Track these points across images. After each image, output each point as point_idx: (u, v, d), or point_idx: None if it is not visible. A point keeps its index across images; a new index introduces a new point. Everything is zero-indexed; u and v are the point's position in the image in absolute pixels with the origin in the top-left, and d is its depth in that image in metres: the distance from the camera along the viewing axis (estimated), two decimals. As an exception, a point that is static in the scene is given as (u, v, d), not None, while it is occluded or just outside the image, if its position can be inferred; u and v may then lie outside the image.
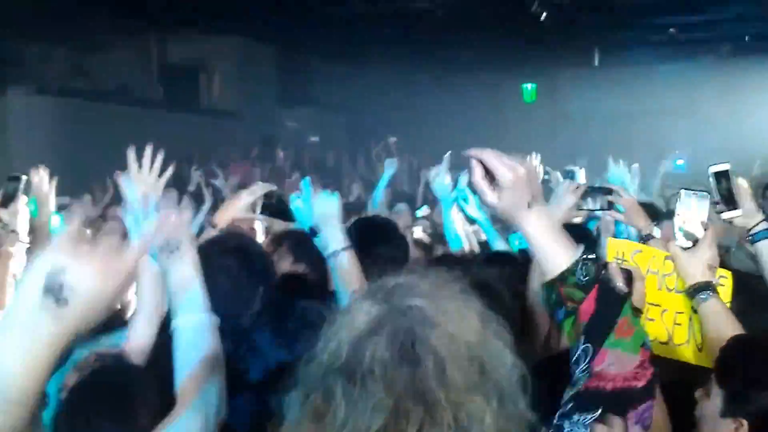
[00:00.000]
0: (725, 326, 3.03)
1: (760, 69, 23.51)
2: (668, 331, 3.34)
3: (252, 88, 21.40)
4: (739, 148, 19.88)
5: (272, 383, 2.10)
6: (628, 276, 2.16)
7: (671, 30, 21.95)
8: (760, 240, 3.48)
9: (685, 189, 3.26)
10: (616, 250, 3.36)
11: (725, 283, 3.31)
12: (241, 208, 4.54)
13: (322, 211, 3.81)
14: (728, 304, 3.27)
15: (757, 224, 3.51)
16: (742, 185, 3.57)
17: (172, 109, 19.05)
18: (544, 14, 17.89)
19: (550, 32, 19.38)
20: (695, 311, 3.20)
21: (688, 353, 3.32)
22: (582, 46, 23.35)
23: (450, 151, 6.38)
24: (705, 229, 3.19)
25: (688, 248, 3.18)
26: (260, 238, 5.76)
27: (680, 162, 18.74)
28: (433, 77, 28.92)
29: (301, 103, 22.89)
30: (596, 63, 24.07)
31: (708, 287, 3.12)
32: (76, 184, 14.28)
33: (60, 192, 5.24)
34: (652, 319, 3.36)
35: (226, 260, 3.59)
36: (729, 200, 3.47)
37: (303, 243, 4.24)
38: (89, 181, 13.10)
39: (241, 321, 3.58)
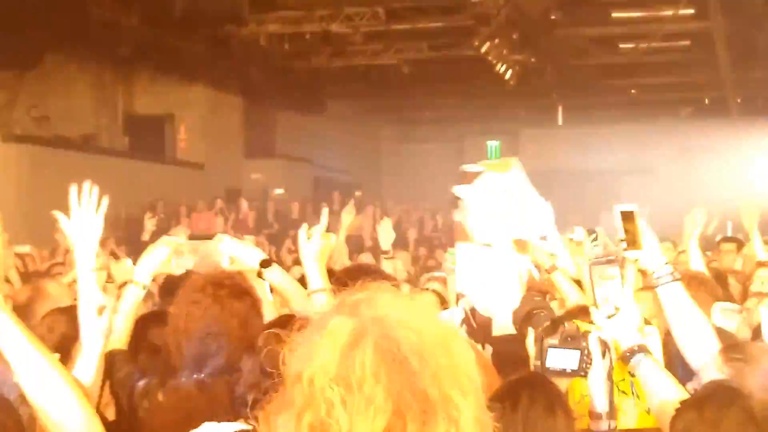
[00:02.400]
0: (664, 386, 3.02)
1: (716, 131, 23.97)
2: (616, 402, 3.27)
3: (217, 140, 21.46)
4: (696, 205, 20.17)
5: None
6: None
7: (632, 91, 22.41)
8: (664, 284, 3.38)
9: (593, 262, 3.26)
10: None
11: (653, 338, 3.34)
12: (158, 262, 4.41)
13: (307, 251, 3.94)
14: (662, 356, 3.29)
15: (661, 267, 3.41)
16: (644, 226, 3.58)
17: (137, 158, 19.04)
18: (509, 73, 18.18)
19: (515, 91, 19.68)
20: (632, 375, 3.16)
21: (638, 419, 3.31)
22: (546, 105, 23.71)
23: None
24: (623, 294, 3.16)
25: (612, 315, 3.13)
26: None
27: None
28: (399, 132, 29.22)
29: (266, 155, 22.97)
30: (559, 122, 24.45)
31: (639, 350, 3.07)
32: (38, 231, 14.19)
33: (23, 240, 5.24)
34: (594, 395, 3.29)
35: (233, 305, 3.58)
36: (632, 241, 3.49)
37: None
38: (50, 230, 13.02)
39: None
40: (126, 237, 15.34)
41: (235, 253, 4.13)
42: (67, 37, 15.33)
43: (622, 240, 3.49)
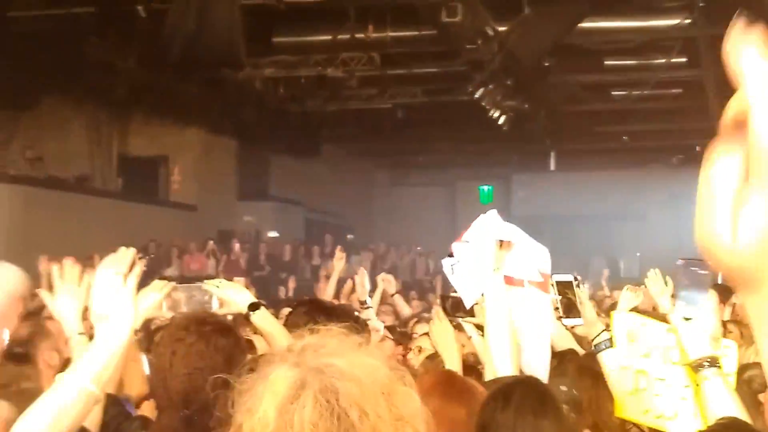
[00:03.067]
0: (726, 407, 2.84)
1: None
2: (674, 406, 3.24)
3: (210, 181, 21.50)
4: (687, 252, 20.25)
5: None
6: None
7: (624, 138, 22.55)
8: (602, 351, 3.43)
9: (684, 259, 3.06)
10: (623, 326, 3.35)
11: (729, 353, 3.19)
12: (150, 305, 4.44)
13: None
14: (735, 374, 3.17)
15: (599, 334, 3.46)
16: (582, 296, 3.58)
17: (130, 199, 19.05)
18: (503, 118, 18.29)
19: (508, 136, 19.78)
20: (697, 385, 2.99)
21: (694, 428, 3.17)
22: (538, 150, 23.84)
23: None
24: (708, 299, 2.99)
25: (690, 319, 2.97)
26: None
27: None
28: (392, 175, 29.30)
29: (259, 198, 23.00)
30: (552, 167, 24.56)
31: (711, 363, 2.90)
32: (31, 272, 14.15)
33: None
34: (658, 395, 3.29)
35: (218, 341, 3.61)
36: (569, 309, 3.49)
37: None
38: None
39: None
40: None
41: (225, 295, 4.18)
42: (63, 79, 15.41)
43: (557, 308, 3.50)
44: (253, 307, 4.09)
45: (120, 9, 14.33)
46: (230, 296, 4.18)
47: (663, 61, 16.85)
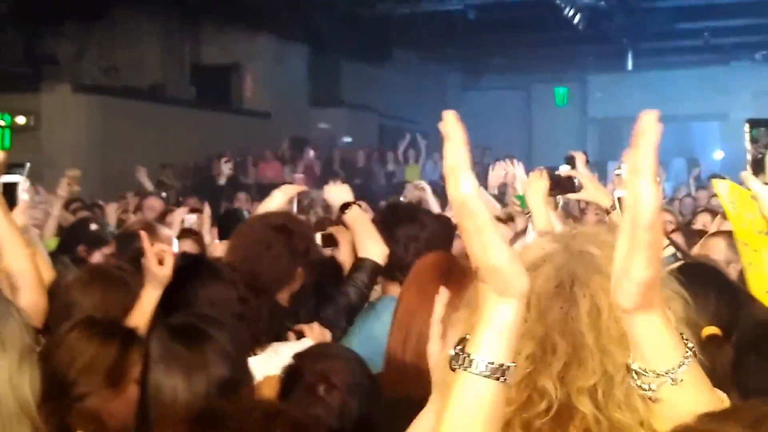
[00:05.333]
0: None
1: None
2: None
3: (283, 89, 21.48)
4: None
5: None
6: None
7: (705, 34, 21.81)
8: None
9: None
10: (725, 193, 3.18)
11: None
12: (275, 206, 4.58)
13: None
14: None
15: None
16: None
17: (203, 108, 19.17)
18: (578, 17, 17.82)
19: (584, 36, 19.31)
20: None
21: None
22: (615, 50, 23.25)
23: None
24: None
25: None
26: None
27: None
28: (465, 79, 28.92)
29: (332, 104, 22.95)
30: (629, 67, 23.96)
31: None
32: (109, 181, 14.42)
33: (91, 189, 5.31)
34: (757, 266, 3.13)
35: (269, 236, 3.65)
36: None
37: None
38: (121, 179, 13.22)
39: (278, 299, 3.66)
40: (194, 185, 15.51)
41: (328, 194, 4.39)
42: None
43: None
44: (346, 206, 4.18)
45: None
46: (330, 192, 4.38)
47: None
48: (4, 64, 15.81)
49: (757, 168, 2.84)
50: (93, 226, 6.34)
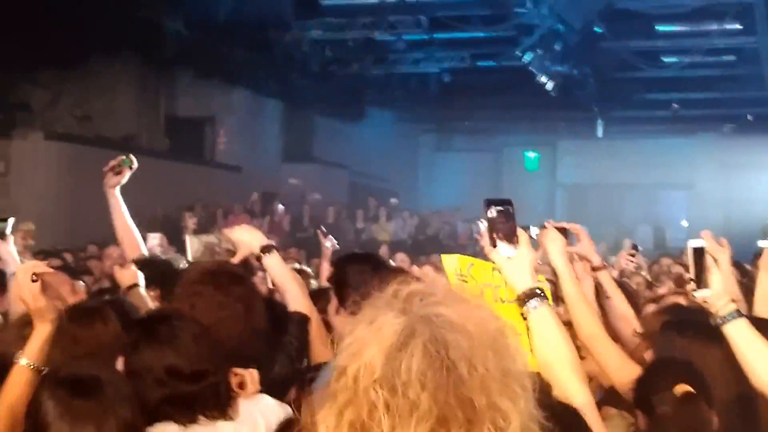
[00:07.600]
0: (552, 335, 2.83)
1: (759, 148, 23.65)
2: None
3: (256, 143, 21.55)
4: (736, 222, 20.19)
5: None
6: None
7: (674, 105, 22.20)
8: (730, 322, 3.17)
9: (489, 200, 3.07)
10: (453, 266, 3.27)
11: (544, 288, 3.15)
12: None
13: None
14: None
15: (725, 305, 3.18)
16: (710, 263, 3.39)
17: (176, 159, 19.15)
18: (551, 84, 18.07)
19: (556, 102, 19.56)
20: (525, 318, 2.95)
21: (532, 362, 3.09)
22: (586, 117, 23.57)
23: None
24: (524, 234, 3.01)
25: (510, 257, 2.94)
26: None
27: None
28: (437, 140, 29.17)
29: (303, 160, 23.02)
30: (599, 134, 24.29)
31: (536, 294, 2.87)
32: (77, 229, 14.32)
33: (59, 237, 5.31)
34: None
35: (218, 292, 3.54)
36: (700, 280, 3.29)
37: None
38: (90, 227, 13.12)
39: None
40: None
41: (239, 237, 4.06)
42: (111, 38, 15.48)
43: (691, 279, 3.31)
44: (266, 249, 3.96)
45: (168, -32, 14.36)
46: (243, 238, 4.05)
47: (716, 27, 16.50)
48: (-23, 109, 15.78)
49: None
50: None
